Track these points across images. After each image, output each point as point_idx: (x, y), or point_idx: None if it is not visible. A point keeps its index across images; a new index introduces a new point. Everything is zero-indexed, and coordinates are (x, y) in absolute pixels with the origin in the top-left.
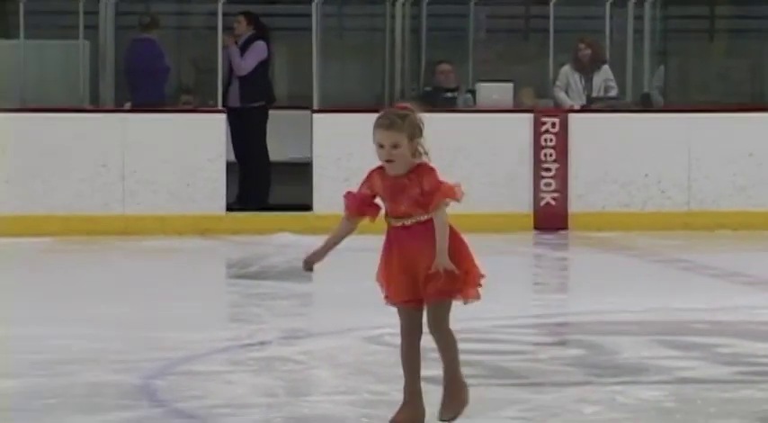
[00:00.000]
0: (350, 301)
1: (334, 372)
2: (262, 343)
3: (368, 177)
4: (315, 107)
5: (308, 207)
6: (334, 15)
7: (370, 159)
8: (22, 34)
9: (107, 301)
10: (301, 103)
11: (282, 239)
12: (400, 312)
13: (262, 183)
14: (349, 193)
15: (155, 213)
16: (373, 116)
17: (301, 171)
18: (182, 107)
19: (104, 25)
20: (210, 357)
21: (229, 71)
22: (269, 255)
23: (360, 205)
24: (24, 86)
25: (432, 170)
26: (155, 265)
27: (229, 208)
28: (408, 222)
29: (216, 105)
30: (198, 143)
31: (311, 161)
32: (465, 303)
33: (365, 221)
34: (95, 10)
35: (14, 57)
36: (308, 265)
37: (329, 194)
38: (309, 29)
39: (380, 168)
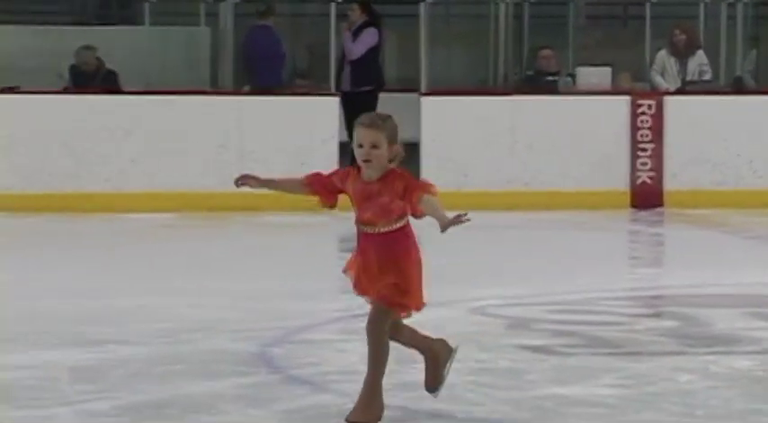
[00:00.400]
0: (456, 275)
1: None
2: None
3: (341, 171)
4: (423, 90)
5: None
6: (441, 3)
7: (475, 140)
8: (147, 21)
9: (226, 273)
10: (410, 86)
11: None
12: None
13: None
14: (317, 173)
15: (269, 191)
16: (479, 99)
17: (410, 151)
18: (297, 90)
19: (224, 13)
20: (324, 327)
21: (342, 56)
22: None
23: (321, 187)
24: (149, 70)
25: (402, 174)
26: (271, 239)
27: None
28: (370, 231)
29: (329, 89)
30: (312, 125)
31: (419, 142)
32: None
33: None
34: None
35: (140, 42)
36: (242, 180)
37: (436, 173)
38: (418, 16)
39: (357, 170)
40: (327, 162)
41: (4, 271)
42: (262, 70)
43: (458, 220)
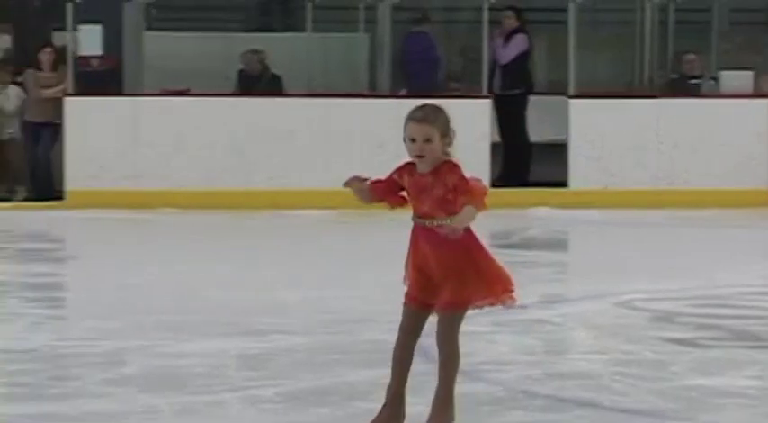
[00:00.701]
0: (603, 269)
1: (588, 333)
2: (522, 306)
3: (399, 168)
4: (571, 93)
5: (564, 184)
6: (589, 10)
7: (622, 140)
8: (309, 28)
9: (382, 266)
10: (558, 89)
11: (541, 213)
12: (405, 309)
13: (522, 161)
14: (376, 180)
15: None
16: (625, 101)
17: (558, 151)
18: (451, 93)
19: (382, 20)
20: (476, 318)
21: (494, 61)
22: (529, 227)
23: (383, 193)
24: (311, 75)
25: (455, 166)
26: None
27: (493, 184)
28: (428, 224)
29: (481, 92)
30: (465, 126)
31: (567, 142)
32: (505, 306)
33: None
34: (374, 6)
35: (302, 48)
36: (350, 183)
37: (584, 172)
38: (566, 22)
39: (411, 164)
40: (480, 161)
41: (176, 263)
42: (418, 74)
43: (452, 233)
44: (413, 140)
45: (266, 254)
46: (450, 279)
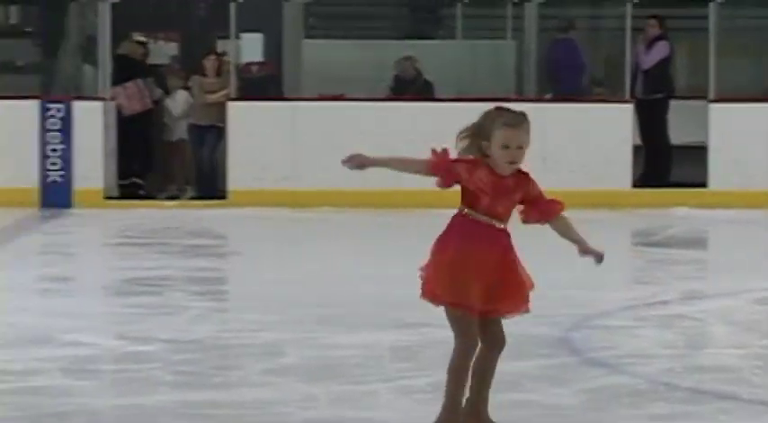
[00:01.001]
0: (740, 267)
1: (727, 328)
2: (663, 302)
3: (474, 162)
4: (711, 98)
5: (703, 184)
6: (728, 17)
7: (760, 143)
8: (459, 35)
9: (528, 263)
10: (699, 94)
11: (681, 213)
12: (465, 317)
13: (663, 163)
14: (445, 154)
15: (570, 188)
16: (764, 106)
17: (698, 153)
18: (594, 97)
19: (528, 28)
20: (618, 314)
21: (636, 66)
22: (669, 226)
23: (445, 170)
24: (460, 79)
25: (533, 179)
26: None
27: (635, 185)
28: (497, 225)
29: (624, 96)
30: (608, 128)
31: (707, 145)
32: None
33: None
34: (521, 14)
35: (452, 55)
36: (350, 161)
37: (722, 174)
38: (706, 29)
39: (486, 163)
40: (622, 163)
41: (333, 259)
42: (563, 79)
43: (597, 256)
44: (506, 147)
45: (417, 251)
46: (510, 283)
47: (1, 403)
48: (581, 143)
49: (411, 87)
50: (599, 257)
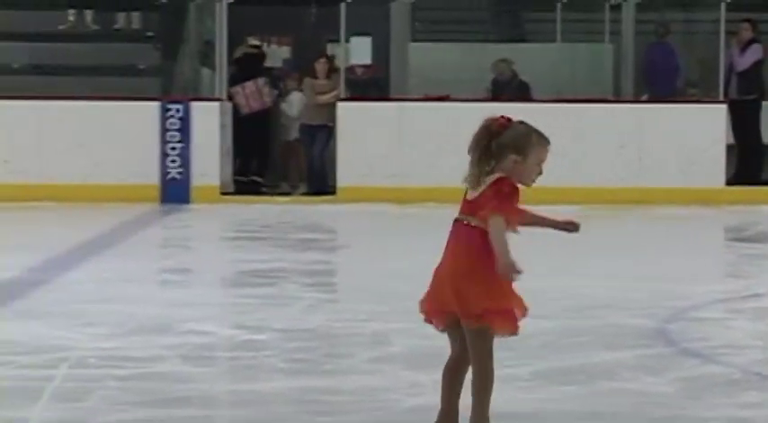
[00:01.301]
0: None
1: None
2: (755, 295)
3: (517, 189)
4: None
5: None
6: None
7: None
8: (558, 38)
9: (626, 258)
10: None
11: None
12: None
13: (756, 162)
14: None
15: (664, 186)
16: None
17: None
18: (689, 98)
19: (625, 30)
20: (712, 306)
21: (730, 68)
22: (761, 222)
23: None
24: (559, 81)
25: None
26: (664, 229)
27: (728, 183)
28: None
29: (717, 97)
30: (702, 129)
31: None
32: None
33: None
34: (618, 18)
35: (552, 57)
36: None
37: None
38: None
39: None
40: (714, 162)
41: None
42: (659, 81)
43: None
44: (540, 162)
45: (518, 245)
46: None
47: (124, 388)
48: (676, 143)
49: (507, 88)
50: (571, 226)
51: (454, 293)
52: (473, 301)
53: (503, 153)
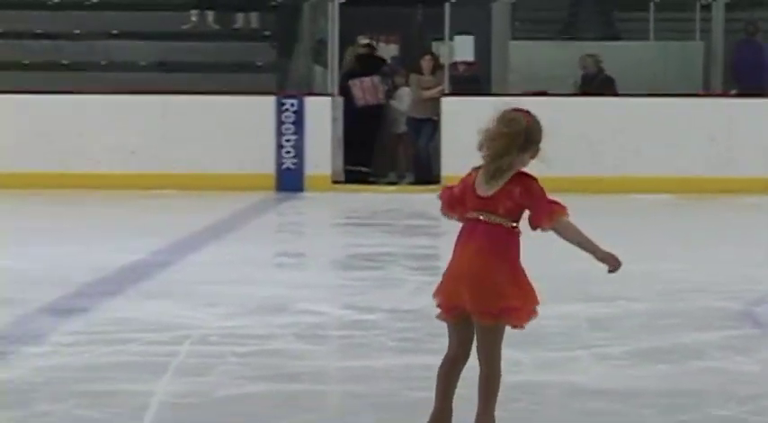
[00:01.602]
0: None
1: None
2: None
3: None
4: None
5: None
6: None
7: None
8: (651, 36)
9: (714, 244)
10: None
11: None
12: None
13: None
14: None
15: (752, 176)
16: None
17: None
18: None
19: (715, 29)
20: None
21: None
22: None
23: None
24: (652, 77)
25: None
26: (751, 217)
27: None
28: None
29: None
30: None
31: None
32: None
33: None
34: (708, 17)
35: (644, 54)
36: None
37: None
38: None
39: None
40: None
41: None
42: (747, 77)
43: None
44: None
45: (612, 231)
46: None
47: (244, 364)
48: (763, 135)
49: (593, 82)
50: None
51: (476, 291)
52: (494, 298)
53: (527, 148)
